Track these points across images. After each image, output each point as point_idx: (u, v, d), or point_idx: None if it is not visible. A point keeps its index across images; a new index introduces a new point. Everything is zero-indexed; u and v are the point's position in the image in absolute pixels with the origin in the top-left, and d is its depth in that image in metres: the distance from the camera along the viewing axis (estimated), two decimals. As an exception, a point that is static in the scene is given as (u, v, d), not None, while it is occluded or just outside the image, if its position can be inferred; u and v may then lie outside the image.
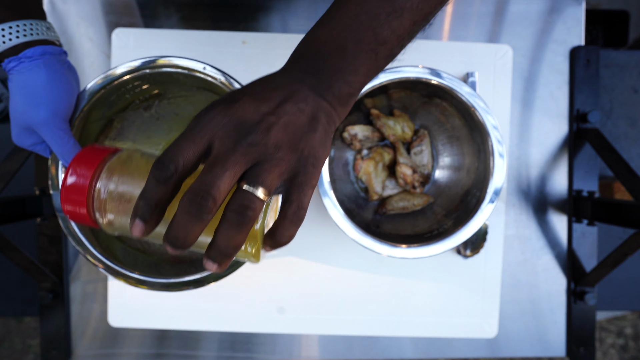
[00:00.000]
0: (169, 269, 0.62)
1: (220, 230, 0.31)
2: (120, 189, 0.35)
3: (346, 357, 0.74)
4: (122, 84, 0.59)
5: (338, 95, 0.36)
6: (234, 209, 0.31)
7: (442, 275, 0.74)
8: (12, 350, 1.62)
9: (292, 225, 0.34)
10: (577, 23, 0.75)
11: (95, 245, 0.59)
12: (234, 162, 0.31)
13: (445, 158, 0.71)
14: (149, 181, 0.31)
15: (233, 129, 0.32)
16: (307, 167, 0.33)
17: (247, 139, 0.31)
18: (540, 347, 0.75)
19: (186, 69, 0.58)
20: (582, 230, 0.74)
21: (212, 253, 0.32)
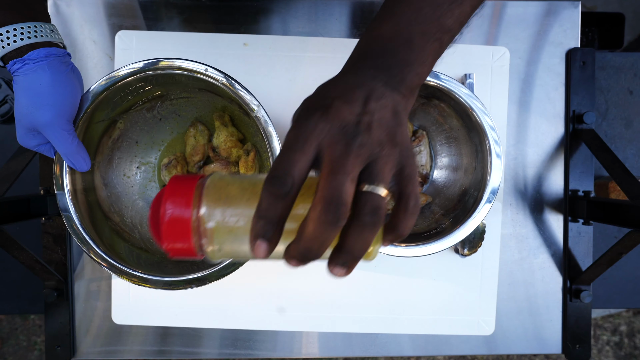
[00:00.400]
0: (172, 267, 0.62)
1: (353, 234, 0.31)
2: (228, 214, 0.33)
3: (346, 354, 0.75)
4: (125, 85, 0.60)
5: (410, 87, 0.37)
6: (367, 212, 0.30)
7: (440, 274, 0.75)
8: (18, 347, 1.63)
9: (412, 217, 0.33)
10: (573, 25, 0.76)
11: (99, 244, 0.60)
12: (352, 165, 0.30)
13: (444, 158, 0.72)
14: (265, 199, 0.31)
15: (339, 134, 0.31)
16: (409, 159, 0.33)
17: (356, 141, 0.31)
18: (537, 345, 0.76)
19: (188, 70, 0.59)
20: (577, 230, 0.75)
21: (342, 258, 0.32)
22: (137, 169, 0.72)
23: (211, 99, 0.68)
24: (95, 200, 0.65)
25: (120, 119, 0.66)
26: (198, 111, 0.71)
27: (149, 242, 0.68)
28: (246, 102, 0.59)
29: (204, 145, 0.72)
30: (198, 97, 0.68)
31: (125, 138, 0.69)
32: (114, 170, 0.69)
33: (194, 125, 0.71)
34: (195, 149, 0.71)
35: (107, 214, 0.66)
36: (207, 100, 0.69)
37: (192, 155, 0.72)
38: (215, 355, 0.75)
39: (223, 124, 0.70)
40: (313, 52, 0.74)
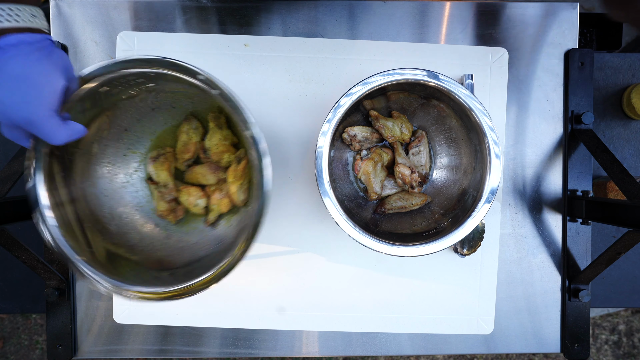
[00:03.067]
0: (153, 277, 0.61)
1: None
2: None
3: (345, 354, 0.75)
4: (116, 78, 0.57)
5: None
6: None
7: (440, 274, 0.75)
8: (19, 346, 1.63)
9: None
10: (571, 26, 0.76)
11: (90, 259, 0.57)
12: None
13: (443, 158, 0.72)
14: None
15: None
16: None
17: None
18: (536, 344, 0.76)
19: (179, 79, 0.56)
20: (576, 229, 0.75)
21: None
22: (123, 157, 0.69)
23: (209, 97, 0.64)
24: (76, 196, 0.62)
25: (110, 108, 0.62)
26: (194, 105, 0.68)
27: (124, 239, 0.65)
28: (241, 118, 0.55)
29: (196, 143, 0.69)
30: (195, 92, 0.64)
31: (114, 125, 0.65)
32: (99, 161, 0.65)
33: (189, 121, 0.68)
34: (187, 146, 0.69)
35: (90, 212, 0.63)
36: (204, 97, 0.65)
37: (182, 152, 0.69)
38: (215, 354, 0.75)
39: (218, 126, 0.68)
40: (313, 53, 0.74)
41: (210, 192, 0.69)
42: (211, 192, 0.69)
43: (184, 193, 0.69)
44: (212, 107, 0.68)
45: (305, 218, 0.74)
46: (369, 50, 0.74)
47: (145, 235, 0.68)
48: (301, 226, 0.74)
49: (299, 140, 0.74)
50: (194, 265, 0.63)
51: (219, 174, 0.69)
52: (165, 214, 0.69)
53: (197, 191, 0.69)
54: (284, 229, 0.74)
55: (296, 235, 0.74)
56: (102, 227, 0.64)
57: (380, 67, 0.66)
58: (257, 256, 0.74)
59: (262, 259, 0.74)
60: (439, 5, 0.75)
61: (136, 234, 0.67)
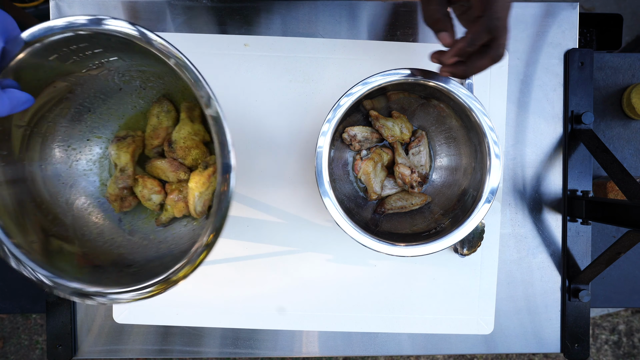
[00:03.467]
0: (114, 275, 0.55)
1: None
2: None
3: (346, 353, 0.75)
4: (65, 42, 0.49)
5: None
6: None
7: (440, 273, 0.75)
8: (19, 346, 1.63)
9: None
10: (571, 26, 0.76)
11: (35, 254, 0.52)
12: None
13: (443, 158, 0.72)
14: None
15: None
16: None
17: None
18: (536, 344, 0.76)
19: (123, 34, 0.50)
20: (576, 229, 0.75)
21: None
22: (87, 141, 0.62)
23: (179, 77, 0.57)
24: (24, 189, 0.56)
25: (65, 81, 0.55)
26: (166, 87, 0.62)
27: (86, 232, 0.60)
28: (201, 92, 0.48)
29: (166, 128, 0.62)
30: (164, 70, 0.58)
31: (74, 104, 0.58)
32: (53, 142, 0.59)
33: (160, 103, 0.62)
34: (156, 132, 0.62)
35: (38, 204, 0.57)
36: (175, 78, 0.59)
37: (151, 137, 0.62)
38: (216, 354, 0.75)
39: (190, 118, 0.61)
40: (313, 53, 0.74)
41: (169, 191, 0.64)
42: (170, 190, 0.64)
43: (140, 184, 0.63)
44: (186, 91, 0.62)
45: (305, 218, 0.74)
46: (369, 50, 0.74)
47: (106, 230, 0.62)
48: (301, 226, 0.74)
49: (299, 140, 0.74)
50: (152, 264, 0.58)
51: (180, 174, 0.63)
52: (112, 199, 0.62)
53: (154, 185, 0.63)
54: (284, 229, 0.74)
55: (296, 235, 0.74)
56: (53, 217, 0.58)
57: (380, 67, 0.66)
58: (257, 256, 0.74)
59: (262, 259, 0.74)
60: (439, 5, 0.75)
61: (95, 228, 0.62)
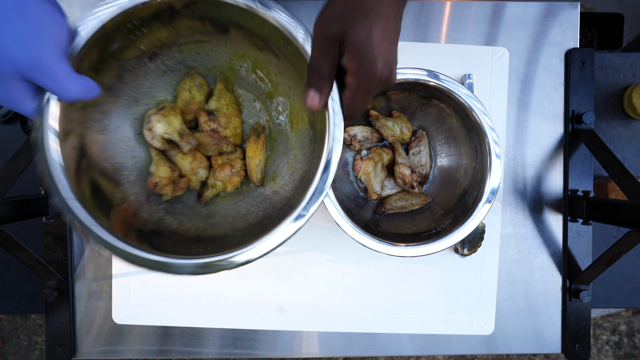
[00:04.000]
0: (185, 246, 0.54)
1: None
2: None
3: (346, 354, 0.75)
4: (128, 17, 0.49)
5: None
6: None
7: (440, 274, 0.75)
8: (19, 347, 1.63)
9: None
10: (572, 26, 0.76)
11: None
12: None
13: (443, 158, 0.72)
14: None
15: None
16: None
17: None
18: (536, 344, 0.76)
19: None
20: (577, 229, 0.75)
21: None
22: (138, 135, 0.60)
23: (229, 44, 0.57)
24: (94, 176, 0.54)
25: (115, 66, 0.54)
26: (211, 61, 0.60)
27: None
28: (287, 31, 0.50)
29: (199, 103, 0.60)
30: (212, 42, 0.57)
31: (123, 95, 0.57)
32: (109, 135, 0.57)
33: (192, 77, 0.60)
34: (189, 106, 0.60)
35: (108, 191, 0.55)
36: (224, 47, 0.58)
37: (183, 113, 0.60)
38: (215, 355, 0.75)
39: (226, 88, 0.61)
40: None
41: (216, 166, 0.61)
42: (218, 165, 0.61)
43: (188, 156, 0.60)
44: (235, 55, 0.60)
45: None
46: (369, 49, 0.74)
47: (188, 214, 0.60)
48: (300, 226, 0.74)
49: (299, 140, 0.74)
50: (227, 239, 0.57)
51: (222, 146, 0.61)
52: (163, 184, 0.58)
53: (203, 159, 0.61)
54: (284, 229, 0.74)
55: (296, 235, 0.74)
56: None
57: (381, 67, 0.66)
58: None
59: (262, 259, 0.74)
60: (440, 4, 0.75)
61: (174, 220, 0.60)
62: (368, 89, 0.46)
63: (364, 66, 0.44)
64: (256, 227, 0.57)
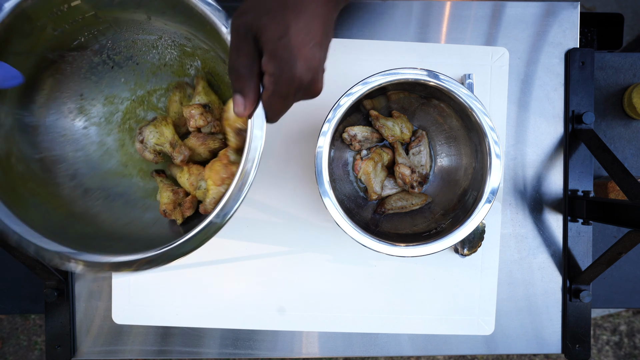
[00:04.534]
0: (119, 246, 0.53)
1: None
2: None
3: (346, 354, 0.75)
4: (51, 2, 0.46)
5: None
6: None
7: (440, 274, 0.75)
8: (18, 347, 1.63)
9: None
10: (572, 26, 0.76)
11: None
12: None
13: (443, 158, 0.72)
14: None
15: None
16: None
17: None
18: (536, 344, 0.76)
19: None
20: (577, 229, 0.75)
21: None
22: (84, 130, 0.58)
23: (177, 38, 0.55)
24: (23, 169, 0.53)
25: (54, 57, 0.52)
26: (161, 57, 0.58)
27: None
28: (214, 21, 0.46)
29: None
30: (161, 37, 0.55)
31: (64, 87, 0.55)
32: (47, 128, 0.55)
33: (181, 88, 0.58)
34: (182, 118, 0.58)
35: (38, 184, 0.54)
36: (172, 41, 0.56)
37: (177, 125, 0.59)
38: (215, 355, 0.75)
39: (209, 86, 0.59)
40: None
41: (210, 170, 0.59)
42: (213, 169, 0.58)
43: (185, 172, 0.58)
44: (184, 53, 0.58)
45: (305, 218, 0.74)
46: (369, 49, 0.74)
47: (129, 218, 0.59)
48: (301, 226, 0.74)
49: (299, 140, 0.74)
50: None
51: (209, 143, 0.58)
52: (170, 209, 0.58)
53: (199, 169, 0.58)
54: (284, 229, 0.74)
55: (296, 235, 0.74)
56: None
57: (380, 67, 0.66)
58: (257, 256, 0.74)
59: (261, 259, 0.74)
60: (440, 4, 0.75)
61: (108, 216, 0.59)
62: (285, 95, 0.42)
63: (279, 68, 0.40)
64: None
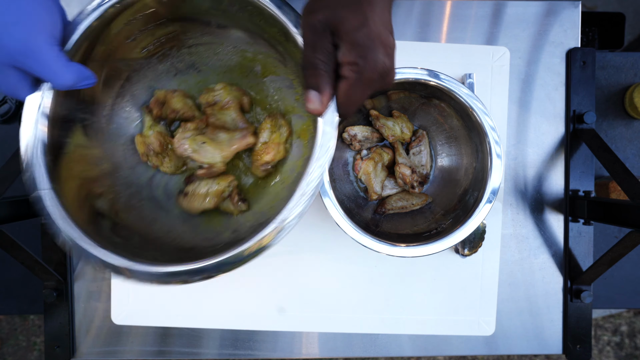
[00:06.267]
0: (164, 255, 0.53)
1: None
2: None
3: (346, 355, 0.75)
4: (129, 11, 0.48)
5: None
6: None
7: (441, 274, 0.74)
8: (17, 347, 1.63)
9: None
10: (573, 25, 0.76)
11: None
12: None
13: (444, 158, 0.72)
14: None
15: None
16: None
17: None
18: (537, 345, 0.76)
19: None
20: (578, 230, 0.75)
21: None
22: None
23: (239, 43, 0.56)
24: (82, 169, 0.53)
25: (124, 67, 0.54)
26: (222, 63, 0.59)
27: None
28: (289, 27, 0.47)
29: (277, 144, 0.60)
30: (223, 42, 0.57)
31: (129, 95, 0.57)
32: (110, 135, 0.57)
33: (273, 118, 0.59)
34: (268, 147, 0.59)
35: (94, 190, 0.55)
36: (233, 47, 0.57)
37: (261, 153, 0.59)
38: (215, 356, 0.75)
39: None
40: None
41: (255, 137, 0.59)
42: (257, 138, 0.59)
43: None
44: (245, 58, 0.59)
45: (305, 218, 0.74)
46: (369, 49, 0.74)
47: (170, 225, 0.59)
48: (301, 226, 0.74)
49: (299, 140, 0.74)
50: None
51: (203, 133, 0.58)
52: (141, 150, 0.58)
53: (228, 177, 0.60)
54: (284, 229, 0.74)
55: (296, 235, 0.74)
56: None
57: (381, 66, 0.65)
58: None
59: (261, 259, 0.73)
60: (440, 4, 0.75)
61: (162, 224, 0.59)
62: (368, 82, 0.42)
63: (362, 56, 0.40)
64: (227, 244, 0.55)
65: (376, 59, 0.40)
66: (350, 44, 0.40)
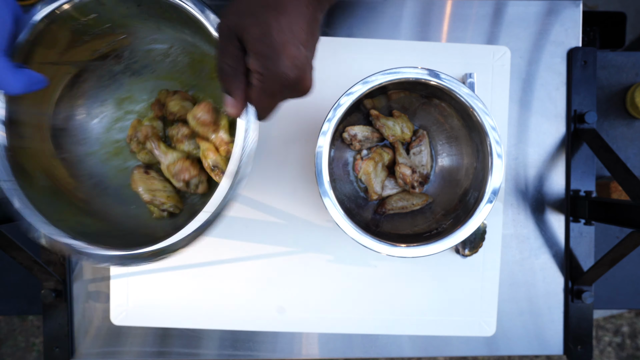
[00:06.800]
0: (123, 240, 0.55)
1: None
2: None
3: (346, 355, 0.75)
4: (70, 14, 0.50)
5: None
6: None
7: (441, 275, 0.74)
8: (16, 348, 1.63)
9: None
10: (574, 25, 0.75)
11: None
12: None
13: (444, 158, 0.71)
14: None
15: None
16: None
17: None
18: (538, 346, 0.76)
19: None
20: (579, 230, 0.75)
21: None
22: (104, 132, 0.62)
23: (186, 45, 0.58)
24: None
25: (75, 66, 0.56)
26: (174, 66, 0.61)
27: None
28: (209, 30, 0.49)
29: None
30: (172, 45, 0.59)
31: (89, 97, 0.59)
32: (70, 131, 0.59)
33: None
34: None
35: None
36: (182, 48, 0.59)
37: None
38: (214, 356, 0.75)
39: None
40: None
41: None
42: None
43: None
44: (194, 60, 0.61)
45: (305, 218, 0.74)
46: (369, 48, 0.74)
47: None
48: (301, 226, 0.74)
49: (299, 140, 0.74)
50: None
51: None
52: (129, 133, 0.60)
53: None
54: (284, 229, 0.74)
55: (296, 236, 0.74)
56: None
57: (381, 66, 0.65)
58: (256, 257, 0.73)
59: (261, 260, 0.74)
60: (441, 3, 0.75)
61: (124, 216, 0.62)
62: (271, 92, 0.42)
63: (263, 65, 0.40)
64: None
65: (277, 70, 0.40)
66: (254, 53, 0.40)
